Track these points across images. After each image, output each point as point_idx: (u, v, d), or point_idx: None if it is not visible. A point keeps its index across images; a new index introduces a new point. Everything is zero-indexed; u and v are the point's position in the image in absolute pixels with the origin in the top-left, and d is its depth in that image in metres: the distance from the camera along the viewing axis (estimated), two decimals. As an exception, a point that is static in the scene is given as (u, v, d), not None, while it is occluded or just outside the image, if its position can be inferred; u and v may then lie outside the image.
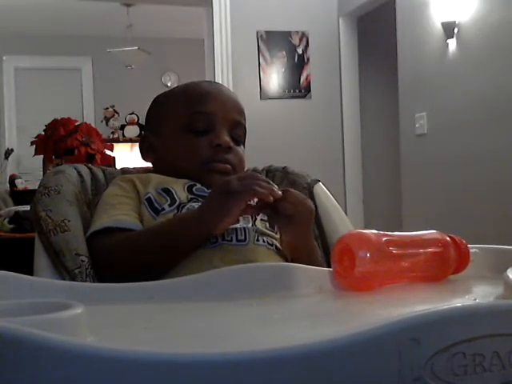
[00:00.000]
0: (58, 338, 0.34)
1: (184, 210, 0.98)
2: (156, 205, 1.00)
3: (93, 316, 0.47)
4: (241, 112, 1.12)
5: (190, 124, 1.07)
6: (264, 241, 0.97)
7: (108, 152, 3.32)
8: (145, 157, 1.14)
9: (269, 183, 0.89)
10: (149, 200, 1.01)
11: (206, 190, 1.03)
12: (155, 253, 0.90)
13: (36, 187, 1.08)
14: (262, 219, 1.02)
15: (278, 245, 0.99)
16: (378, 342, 0.36)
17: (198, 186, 1.04)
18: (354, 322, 0.60)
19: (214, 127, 1.06)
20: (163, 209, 0.99)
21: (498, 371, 0.39)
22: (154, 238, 0.92)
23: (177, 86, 1.21)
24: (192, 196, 1.01)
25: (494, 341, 0.39)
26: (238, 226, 0.95)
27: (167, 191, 1.01)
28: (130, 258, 0.91)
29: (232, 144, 1.07)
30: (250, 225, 0.98)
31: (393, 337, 0.37)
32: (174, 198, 1.00)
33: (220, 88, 1.15)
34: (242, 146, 1.12)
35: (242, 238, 0.94)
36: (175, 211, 0.98)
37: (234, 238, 0.94)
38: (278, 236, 1.00)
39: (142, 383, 0.35)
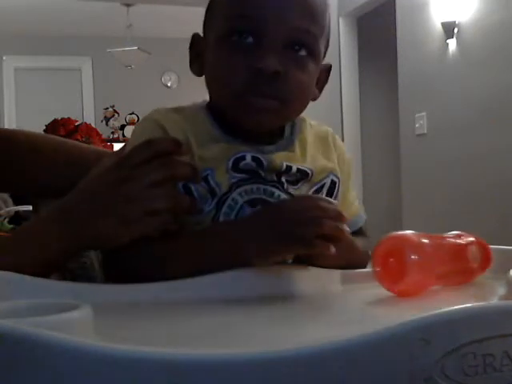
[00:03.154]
0: (70, 338, 0.35)
1: (225, 208, 0.75)
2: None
3: (98, 316, 0.47)
4: (309, 14, 0.76)
5: (230, 32, 0.75)
6: None
7: (108, 152, 3.32)
8: (191, 66, 0.84)
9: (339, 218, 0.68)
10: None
11: (256, 165, 0.76)
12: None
13: (36, 187, 1.07)
14: None
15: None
16: (389, 343, 0.37)
17: (248, 159, 0.76)
18: (359, 322, 0.60)
19: (260, 39, 0.74)
20: (201, 210, 0.75)
21: (508, 371, 0.39)
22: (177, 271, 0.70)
23: None
24: (234, 180, 0.76)
25: (504, 341, 0.39)
26: None
27: (204, 179, 0.75)
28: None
29: (281, 68, 0.73)
30: None
31: (404, 337, 0.37)
32: (213, 188, 0.76)
33: None
34: (309, 66, 0.77)
35: None
36: (213, 212, 0.75)
37: None
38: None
39: (150, 383, 0.35)
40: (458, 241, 0.74)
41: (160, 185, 0.71)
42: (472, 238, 0.76)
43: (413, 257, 0.64)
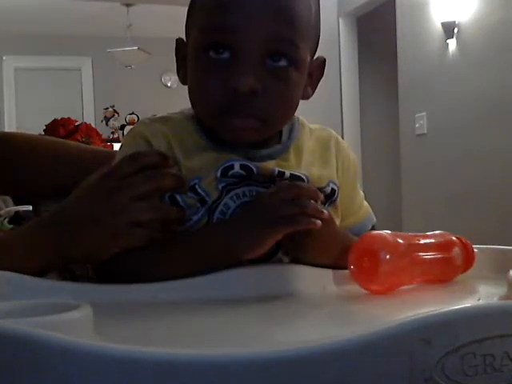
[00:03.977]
0: (70, 338, 0.35)
1: (217, 214, 0.74)
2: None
3: (98, 316, 0.47)
4: (287, 22, 0.71)
5: (206, 46, 0.72)
6: None
7: (108, 152, 3.31)
8: (178, 73, 0.80)
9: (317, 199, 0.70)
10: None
11: (244, 172, 0.74)
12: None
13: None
14: None
15: None
16: (390, 343, 0.37)
17: (237, 167, 0.74)
18: (359, 322, 0.60)
19: (237, 54, 0.70)
20: (190, 219, 0.73)
21: (508, 371, 0.39)
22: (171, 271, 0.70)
23: None
24: (223, 184, 0.73)
25: (504, 341, 0.39)
26: None
27: (191, 188, 0.73)
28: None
29: (258, 86, 0.70)
30: None
31: (404, 337, 0.37)
32: (202, 196, 0.73)
33: None
34: (291, 76, 0.72)
35: None
36: (205, 220, 0.74)
37: None
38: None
39: (150, 383, 0.35)
40: (438, 239, 0.75)
41: (147, 197, 0.71)
42: (453, 238, 0.77)
43: (386, 256, 0.66)
